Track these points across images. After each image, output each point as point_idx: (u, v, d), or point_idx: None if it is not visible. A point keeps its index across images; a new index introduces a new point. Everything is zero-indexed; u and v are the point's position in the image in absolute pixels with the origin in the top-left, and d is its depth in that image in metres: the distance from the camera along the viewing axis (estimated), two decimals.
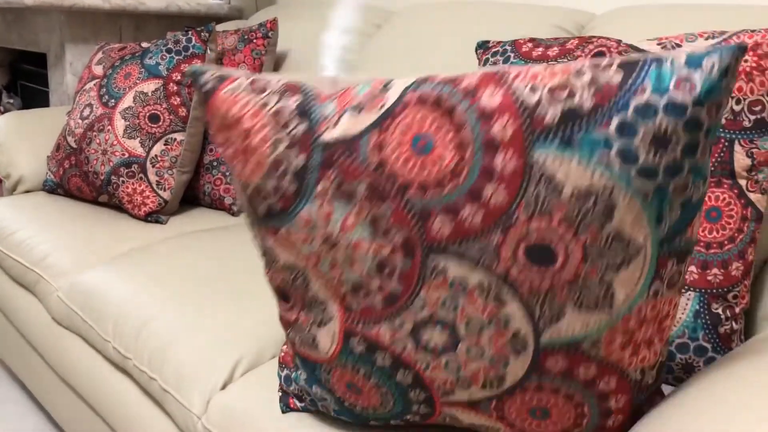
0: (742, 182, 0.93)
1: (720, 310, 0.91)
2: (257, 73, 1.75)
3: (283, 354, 0.91)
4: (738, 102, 0.92)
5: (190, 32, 1.75)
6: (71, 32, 2.35)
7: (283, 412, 0.91)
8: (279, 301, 0.81)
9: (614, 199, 0.60)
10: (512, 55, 1.17)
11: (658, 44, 1.02)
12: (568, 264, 0.62)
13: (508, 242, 0.63)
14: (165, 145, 1.69)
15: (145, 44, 1.83)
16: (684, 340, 0.92)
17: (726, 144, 0.93)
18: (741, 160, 0.92)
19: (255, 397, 0.98)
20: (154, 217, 1.68)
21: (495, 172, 0.62)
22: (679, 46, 1.00)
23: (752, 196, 0.92)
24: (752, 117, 0.92)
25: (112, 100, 1.72)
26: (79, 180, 1.74)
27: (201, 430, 1.00)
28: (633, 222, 0.60)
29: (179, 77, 1.71)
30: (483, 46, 1.25)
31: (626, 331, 0.65)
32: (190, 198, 1.80)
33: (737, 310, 0.92)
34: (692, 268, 0.92)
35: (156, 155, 1.68)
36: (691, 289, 0.92)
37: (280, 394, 0.92)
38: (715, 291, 0.92)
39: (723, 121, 0.93)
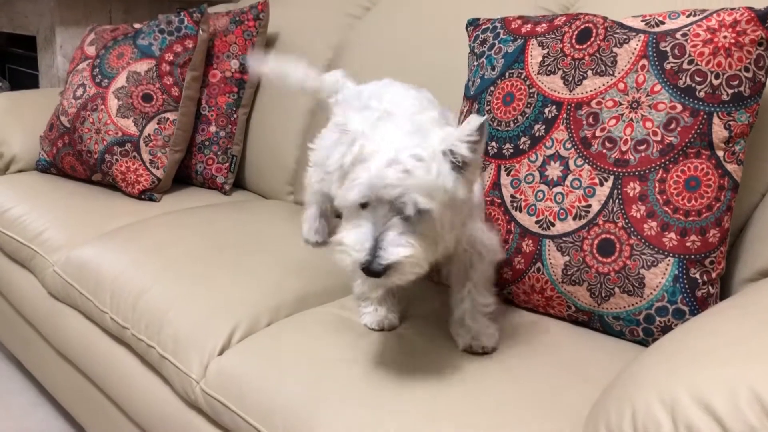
0: (720, 153, 0.97)
1: (698, 275, 0.96)
2: (248, 53, 1.77)
3: None
4: (717, 77, 0.96)
5: (182, 13, 1.77)
6: (61, 15, 2.36)
7: None
8: None
9: None
10: (502, 31, 1.20)
11: (643, 21, 1.05)
12: None
13: None
14: (158, 124, 1.71)
15: (137, 25, 1.84)
16: (663, 304, 0.96)
17: (705, 117, 0.96)
18: (719, 132, 0.96)
19: (252, 362, 1.01)
20: (147, 195, 1.70)
21: None
22: (662, 23, 1.03)
23: (729, 167, 0.97)
24: (730, 91, 0.96)
25: (106, 80, 1.74)
26: (72, 159, 1.76)
27: (199, 393, 1.03)
28: None
29: (172, 57, 1.73)
30: (473, 23, 1.29)
31: None
32: (183, 177, 1.82)
33: (714, 275, 0.97)
34: (671, 234, 0.96)
35: (149, 134, 1.70)
36: (671, 254, 0.96)
37: None
38: (693, 257, 0.96)
39: (702, 94, 0.96)
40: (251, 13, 1.81)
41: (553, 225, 1.06)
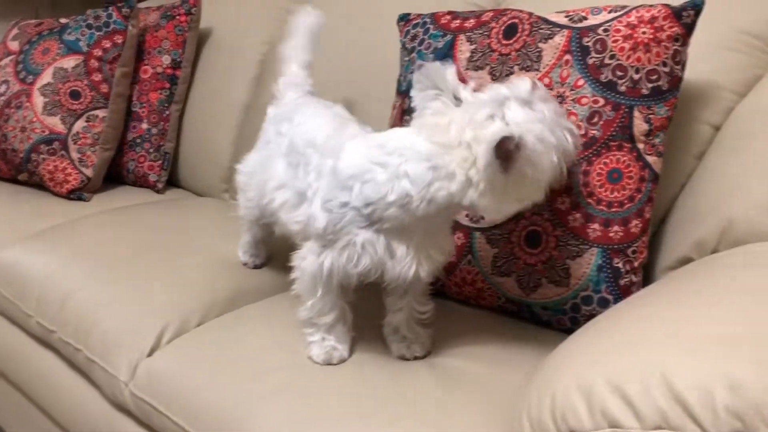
0: (641, 146, 0.99)
1: (621, 264, 0.98)
2: (180, 49, 1.74)
3: None
4: (637, 71, 0.99)
5: (110, 8, 1.73)
6: None
7: None
8: None
9: None
10: (431, 27, 1.21)
11: (566, 16, 1.08)
12: None
13: None
14: (87, 121, 1.66)
15: (63, 20, 1.79)
16: (588, 293, 0.99)
17: (626, 110, 0.99)
18: (639, 125, 0.99)
19: (182, 362, 1.00)
20: (77, 194, 1.66)
21: None
22: (585, 18, 1.06)
23: (649, 159, 0.99)
24: (650, 85, 0.99)
25: (30, 77, 1.68)
26: None
27: (128, 396, 1.01)
28: None
29: (100, 53, 1.68)
30: (404, 19, 1.29)
31: None
32: (114, 175, 1.78)
33: (636, 264, 0.99)
34: (595, 225, 0.99)
35: (78, 132, 1.66)
36: (595, 245, 0.99)
37: None
38: (616, 246, 0.98)
39: (623, 88, 0.99)
40: (183, 7, 1.78)
41: (482, 217, 1.07)
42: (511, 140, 0.79)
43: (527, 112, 0.83)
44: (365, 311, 0.99)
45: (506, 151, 0.79)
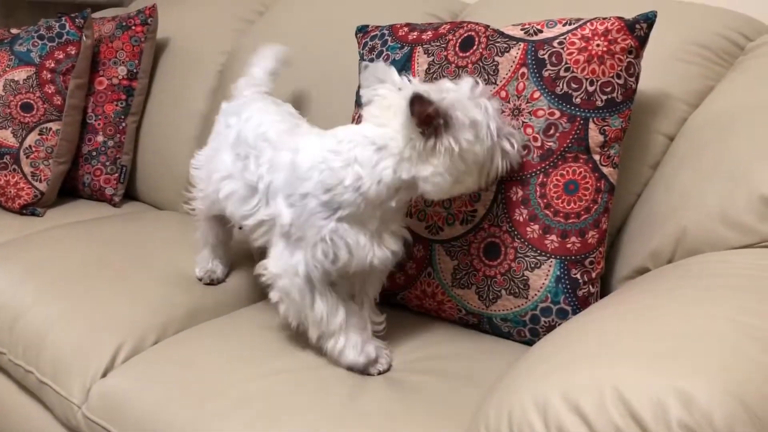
0: (596, 157, 1.00)
1: (578, 275, 0.99)
2: (136, 60, 1.71)
3: None
4: (592, 83, 1.00)
5: (63, 18, 1.69)
6: None
7: None
8: None
9: None
10: (389, 39, 1.21)
11: (522, 29, 1.08)
12: None
13: None
14: (40, 134, 1.62)
15: (14, 30, 1.75)
16: (547, 304, 0.99)
17: (581, 122, 1.00)
18: (595, 137, 1.00)
19: (137, 383, 0.97)
20: (30, 209, 1.62)
21: None
22: (540, 31, 1.06)
23: (605, 170, 1.00)
24: (604, 97, 1.00)
25: None
26: None
27: (81, 419, 0.99)
28: None
29: (53, 64, 1.64)
30: (362, 30, 1.29)
31: None
32: (70, 189, 1.74)
33: (594, 274, 1.00)
34: (553, 237, 0.99)
35: (30, 145, 1.61)
36: (553, 256, 0.99)
37: None
38: (573, 258, 0.99)
39: (578, 101, 1.00)
40: (139, 18, 1.75)
41: (441, 230, 1.07)
42: (426, 101, 0.84)
43: (463, 97, 0.89)
44: None
45: (427, 116, 0.85)
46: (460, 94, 0.89)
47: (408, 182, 0.90)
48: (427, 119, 0.85)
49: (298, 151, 0.95)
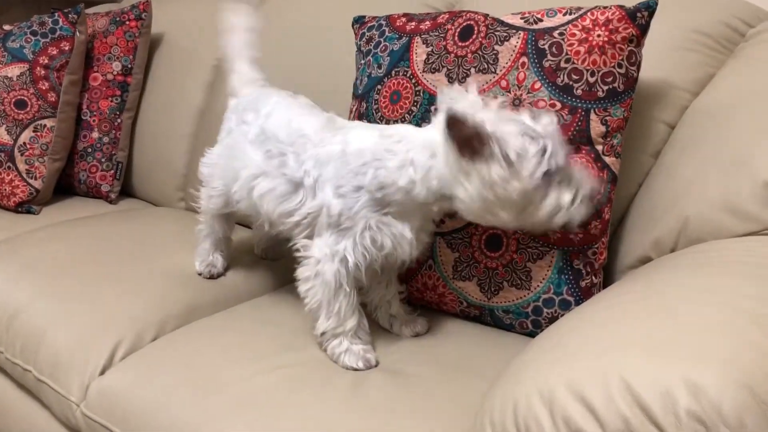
0: (599, 147, 0.99)
1: (581, 266, 0.98)
2: (131, 55, 1.70)
3: None
4: (593, 74, 0.99)
5: (56, 14, 1.67)
6: None
7: None
8: None
9: None
10: (387, 29, 1.20)
11: (522, 18, 1.07)
12: None
13: None
14: (34, 131, 1.61)
15: (7, 27, 1.73)
16: (550, 295, 0.98)
17: (583, 113, 0.99)
18: (596, 127, 0.99)
19: (136, 380, 0.96)
20: (25, 207, 1.60)
21: None
22: (540, 20, 1.05)
23: (607, 160, 0.99)
24: (605, 87, 0.99)
25: None
26: None
27: (80, 417, 0.97)
28: None
29: (47, 61, 1.63)
30: (359, 21, 1.27)
31: None
32: (65, 186, 1.72)
33: (596, 265, 0.99)
34: None
35: (24, 143, 1.60)
36: (555, 247, 0.98)
37: None
38: (576, 248, 0.98)
39: (579, 92, 0.99)
40: (132, 13, 1.73)
41: (443, 222, 1.06)
42: (463, 123, 0.81)
43: (513, 127, 0.84)
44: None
45: (465, 137, 0.82)
46: (511, 123, 0.85)
47: (448, 195, 0.90)
48: (466, 141, 0.82)
49: (348, 144, 0.96)
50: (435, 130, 0.90)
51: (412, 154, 0.90)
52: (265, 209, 1.03)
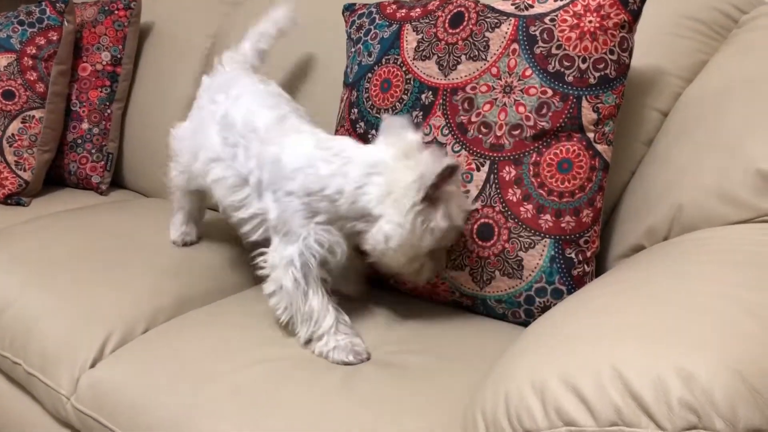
0: (590, 135, 0.98)
1: (573, 255, 0.98)
2: (120, 45, 1.68)
3: None
4: (584, 61, 0.98)
5: (44, 3, 1.65)
6: None
7: None
8: None
9: None
10: (377, 16, 1.19)
11: (512, 4, 1.06)
12: None
13: None
14: (22, 123, 1.59)
15: None
16: (542, 285, 0.98)
17: (574, 101, 0.98)
18: (588, 114, 0.98)
19: (127, 373, 0.96)
20: (14, 199, 1.59)
21: None
22: (531, 6, 1.04)
23: (599, 147, 0.99)
24: (597, 74, 0.98)
25: None
26: None
27: (71, 410, 0.97)
28: None
29: (35, 51, 1.61)
30: (350, 8, 1.26)
31: None
32: (55, 178, 1.71)
33: (589, 254, 0.99)
34: (547, 216, 0.97)
35: (13, 134, 1.58)
36: (547, 236, 0.97)
37: None
38: (568, 237, 0.97)
39: (571, 79, 0.98)
40: (121, 2, 1.71)
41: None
42: (450, 178, 0.88)
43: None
44: None
45: (437, 186, 0.88)
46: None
47: (374, 216, 0.92)
48: (434, 188, 0.88)
49: (284, 148, 0.98)
50: (377, 151, 0.94)
51: (348, 168, 0.93)
52: (217, 196, 1.07)
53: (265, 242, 1.01)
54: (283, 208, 0.96)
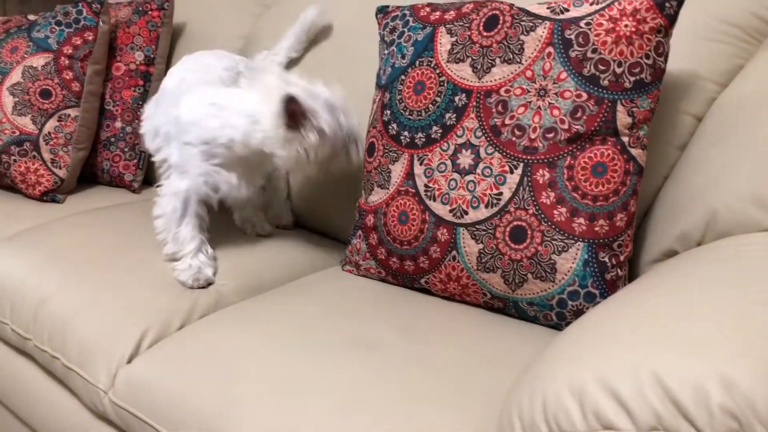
0: (625, 139, 0.98)
1: (606, 259, 0.98)
2: (153, 45, 1.70)
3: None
4: (620, 65, 0.98)
5: (80, 4, 1.68)
6: None
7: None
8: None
9: None
10: (411, 19, 1.19)
11: (548, 8, 1.06)
12: None
13: None
14: (59, 121, 1.62)
15: (32, 17, 1.74)
16: (575, 288, 0.98)
17: (609, 105, 0.98)
18: (623, 119, 0.98)
19: (163, 368, 0.97)
20: (50, 196, 1.62)
21: None
22: (567, 10, 1.04)
23: (634, 152, 0.99)
24: (632, 78, 0.98)
25: None
26: None
27: (108, 404, 0.99)
28: None
29: (71, 51, 1.64)
30: (383, 11, 1.27)
31: None
32: (89, 176, 1.74)
33: (622, 258, 0.99)
34: (581, 219, 0.98)
35: (49, 132, 1.61)
36: (580, 239, 0.98)
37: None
38: (601, 241, 0.98)
39: (606, 83, 0.98)
40: (155, 2, 1.74)
41: (466, 213, 1.06)
42: (298, 103, 1.05)
43: (328, 109, 1.10)
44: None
45: (293, 114, 1.06)
46: (325, 102, 1.10)
47: (268, 152, 1.13)
48: (293, 116, 1.06)
49: (181, 108, 1.19)
50: (250, 99, 1.14)
51: (233, 119, 1.13)
52: (145, 143, 1.30)
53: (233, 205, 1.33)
54: (183, 154, 1.17)
